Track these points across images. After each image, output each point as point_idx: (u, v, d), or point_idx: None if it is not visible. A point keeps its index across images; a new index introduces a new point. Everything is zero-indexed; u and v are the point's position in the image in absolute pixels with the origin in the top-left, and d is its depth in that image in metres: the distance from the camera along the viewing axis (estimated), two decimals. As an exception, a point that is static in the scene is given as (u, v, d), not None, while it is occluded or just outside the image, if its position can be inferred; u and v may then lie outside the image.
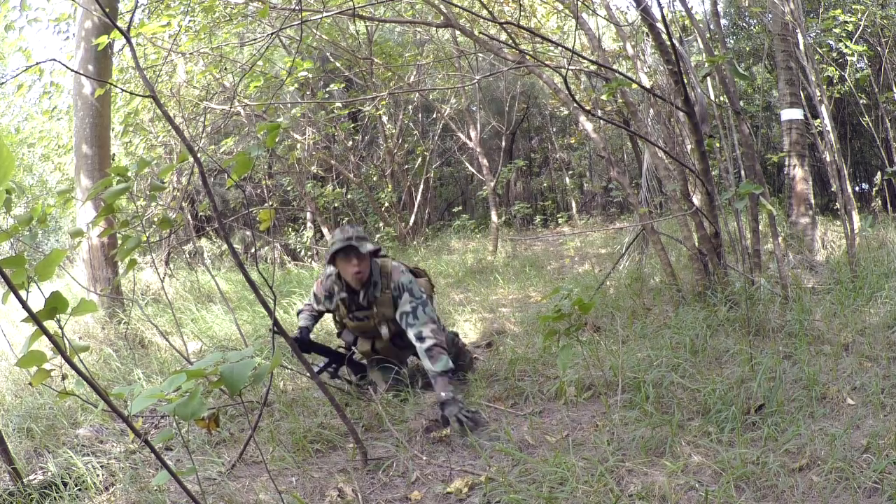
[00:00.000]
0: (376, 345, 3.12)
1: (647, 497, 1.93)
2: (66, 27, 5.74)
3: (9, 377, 3.42)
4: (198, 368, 1.51)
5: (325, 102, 7.73)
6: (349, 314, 3.07)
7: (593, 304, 3.08)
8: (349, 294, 3.04)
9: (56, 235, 11.87)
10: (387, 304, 2.98)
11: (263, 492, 2.15)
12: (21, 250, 6.58)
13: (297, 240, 9.77)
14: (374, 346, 3.13)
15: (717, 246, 3.66)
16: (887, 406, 2.33)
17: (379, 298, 2.98)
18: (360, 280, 2.94)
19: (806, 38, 4.56)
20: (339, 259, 2.92)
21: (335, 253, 2.90)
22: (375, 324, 3.03)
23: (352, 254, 2.88)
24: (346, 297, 3.05)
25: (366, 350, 3.15)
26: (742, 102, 7.63)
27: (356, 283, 2.96)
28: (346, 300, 3.05)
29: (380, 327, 3.03)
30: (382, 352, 3.13)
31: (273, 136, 2.20)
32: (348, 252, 2.87)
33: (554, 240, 9.45)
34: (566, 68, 3.16)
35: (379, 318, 3.01)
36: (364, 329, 3.09)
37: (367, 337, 3.14)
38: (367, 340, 3.14)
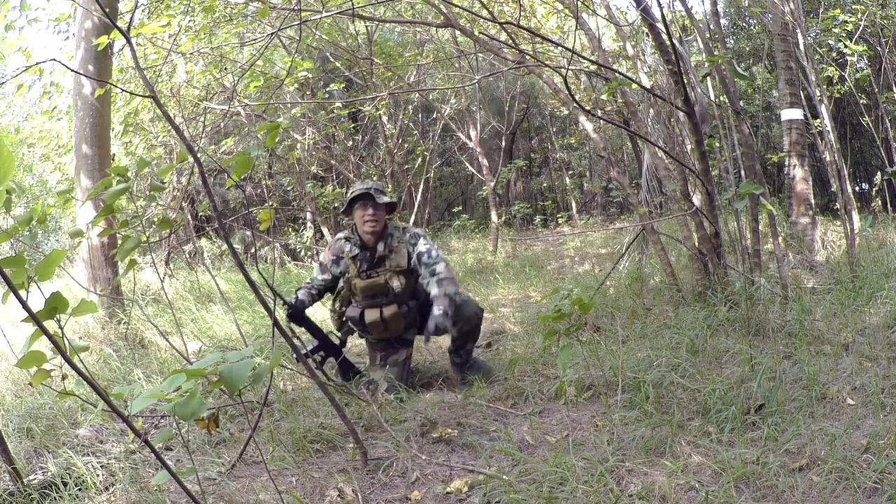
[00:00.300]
0: (384, 313, 3.10)
1: (647, 497, 1.93)
2: (66, 27, 5.74)
3: (9, 377, 3.41)
4: (197, 368, 1.51)
5: (325, 102, 7.73)
6: (359, 273, 3.10)
7: (593, 304, 3.08)
8: (362, 251, 3.11)
9: (56, 235, 11.87)
10: (401, 254, 3.09)
11: (263, 492, 2.15)
12: (21, 250, 6.58)
13: (297, 240, 9.77)
14: (383, 314, 3.10)
15: (717, 246, 3.66)
16: (887, 406, 2.33)
17: (395, 248, 3.09)
18: (374, 230, 3.06)
19: (806, 38, 4.57)
20: (357, 207, 3.07)
21: (353, 200, 3.06)
22: (386, 279, 3.07)
23: (369, 202, 3.03)
24: (359, 254, 3.11)
25: (374, 320, 3.11)
26: (742, 102, 7.63)
27: (370, 234, 3.06)
28: (358, 257, 3.10)
29: (391, 282, 3.07)
30: (391, 322, 3.11)
31: (273, 136, 2.20)
32: (366, 200, 3.03)
33: (554, 240, 9.45)
34: (566, 68, 3.17)
35: (391, 273, 3.07)
36: (374, 288, 3.09)
37: (375, 303, 3.12)
38: (374, 309, 3.12)
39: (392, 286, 3.08)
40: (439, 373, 3.43)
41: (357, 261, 3.12)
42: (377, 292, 3.11)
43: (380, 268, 3.11)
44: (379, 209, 3.05)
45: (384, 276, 3.09)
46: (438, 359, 3.70)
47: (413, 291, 3.20)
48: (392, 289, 3.09)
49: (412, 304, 3.18)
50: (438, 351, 3.84)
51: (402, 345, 3.24)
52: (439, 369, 3.49)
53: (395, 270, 3.09)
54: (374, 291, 3.11)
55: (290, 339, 2.25)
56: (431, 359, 3.75)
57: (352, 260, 3.13)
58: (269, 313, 2.17)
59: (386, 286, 3.09)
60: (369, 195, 3.03)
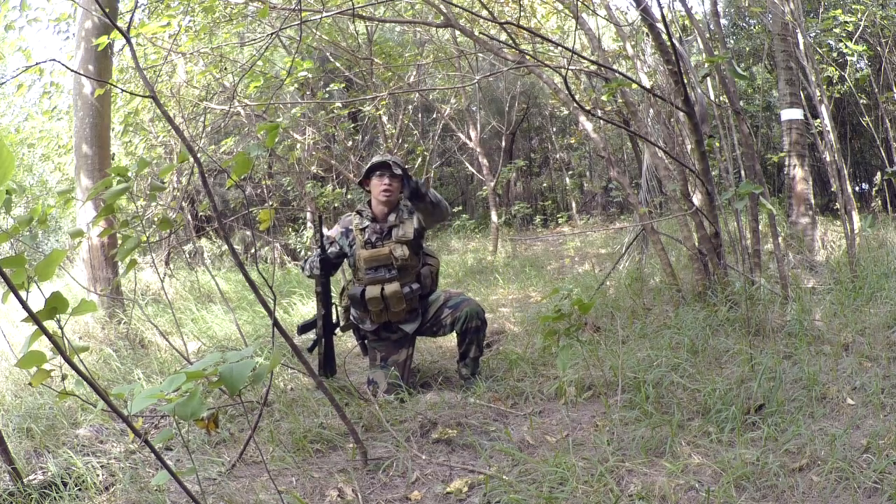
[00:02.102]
0: (385, 289, 3.10)
1: (647, 497, 1.93)
2: (66, 27, 5.74)
3: (9, 377, 3.41)
4: (197, 369, 1.51)
5: (325, 102, 7.73)
6: (365, 244, 3.13)
7: (593, 304, 3.09)
8: (372, 223, 3.16)
9: (56, 235, 11.87)
10: (409, 225, 3.14)
11: (263, 492, 2.15)
12: (21, 250, 6.58)
13: (297, 240, 9.77)
14: (384, 291, 3.10)
15: (717, 246, 3.66)
16: (887, 406, 2.33)
17: (405, 220, 3.15)
18: (388, 199, 3.11)
19: (806, 38, 4.56)
20: (374, 176, 3.12)
21: (371, 168, 3.12)
22: (391, 249, 3.09)
23: (386, 172, 3.09)
24: (369, 226, 3.15)
25: (374, 296, 3.09)
26: (742, 102, 7.63)
27: (384, 203, 3.12)
28: (368, 228, 3.15)
29: (394, 251, 3.08)
30: (391, 299, 3.10)
31: (273, 136, 2.20)
32: (384, 169, 3.09)
33: (554, 240, 9.46)
34: (566, 68, 3.17)
35: (395, 243, 3.10)
36: (378, 259, 3.10)
37: (377, 278, 3.12)
38: (376, 286, 3.11)
39: (395, 255, 3.08)
40: (439, 373, 3.43)
41: (365, 232, 3.15)
42: (381, 264, 3.11)
43: (387, 239, 3.14)
44: (395, 179, 3.10)
45: (389, 245, 3.11)
46: (438, 359, 3.70)
47: (418, 275, 3.19)
48: (395, 258, 3.08)
49: (415, 286, 3.16)
50: (438, 351, 3.84)
51: (402, 344, 3.24)
52: (439, 369, 3.50)
53: (400, 241, 3.11)
54: (378, 263, 3.11)
55: (289, 339, 2.25)
56: (431, 359, 3.75)
57: (360, 231, 3.15)
58: (269, 313, 2.17)
59: (389, 257, 3.09)
60: (387, 165, 3.08)
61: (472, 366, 3.23)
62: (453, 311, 3.16)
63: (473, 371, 3.23)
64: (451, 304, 3.17)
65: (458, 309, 3.15)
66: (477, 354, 3.22)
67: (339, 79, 8.33)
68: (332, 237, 3.23)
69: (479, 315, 3.16)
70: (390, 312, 3.14)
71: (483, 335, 3.22)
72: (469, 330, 3.15)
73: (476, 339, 3.18)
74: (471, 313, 3.14)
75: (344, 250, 3.22)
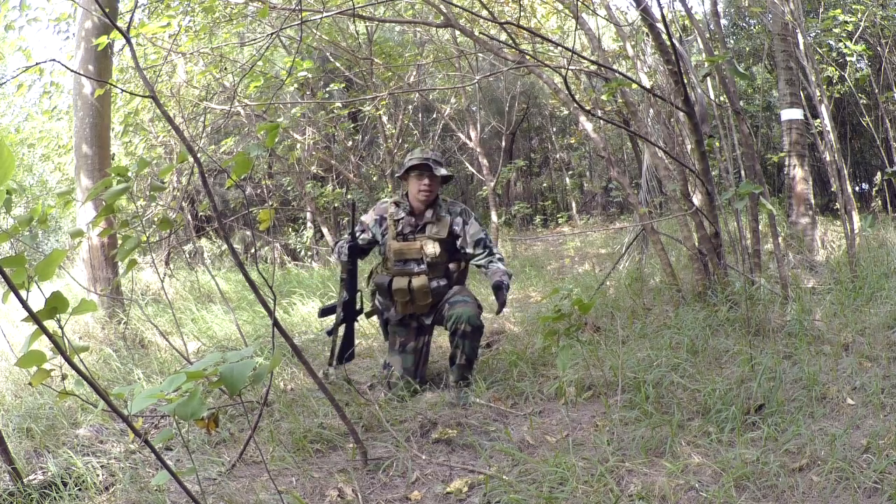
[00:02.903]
0: (413, 283, 3.08)
1: (647, 497, 1.93)
2: (66, 27, 5.74)
3: (9, 377, 3.41)
4: (197, 369, 1.50)
5: (325, 102, 7.73)
6: (398, 235, 3.12)
7: (593, 304, 3.08)
8: (408, 215, 3.14)
9: (56, 235, 11.87)
10: (444, 225, 3.13)
11: (263, 492, 2.15)
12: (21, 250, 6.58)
13: (297, 240, 9.77)
14: (411, 284, 3.08)
15: (717, 246, 3.66)
16: (887, 406, 2.33)
17: (441, 217, 3.13)
18: (427, 199, 3.08)
19: (806, 38, 4.56)
20: (413, 175, 3.08)
21: (411, 168, 3.08)
22: (422, 245, 3.08)
23: (426, 172, 3.05)
24: (404, 218, 3.13)
25: (401, 288, 3.09)
26: (742, 102, 7.63)
27: (422, 201, 3.10)
28: (403, 220, 3.13)
29: (425, 247, 3.08)
30: (417, 293, 3.08)
31: (273, 136, 2.20)
32: (423, 170, 3.05)
33: (554, 240, 9.46)
34: (566, 68, 3.17)
35: (428, 239, 3.09)
36: (408, 252, 3.10)
37: (405, 271, 3.11)
38: (403, 277, 3.10)
39: (426, 251, 3.08)
40: (439, 373, 3.43)
41: (399, 223, 3.14)
42: (410, 258, 3.11)
43: (420, 234, 3.12)
44: (435, 180, 3.07)
45: (420, 241, 3.10)
46: (438, 359, 3.70)
47: (446, 270, 3.18)
48: (425, 255, 3.08)
49: (442, 282, 3.14)
50: (438, 351, 3.84)
51: (422, 332, 3.23)
52: (439, 369, 3.49)
53: (433, 237, 3.10)
54: (408, 256, 3.10)
55: (290, 339, 2.25)
56: (431, 359, 3.75)
57: (394, 222, 3.14)
58: (269, 313, 2.17)
59: (420, 251, 3.08)
60: (428, 166, 3.03)
61: (458, 373, 3.06)
62: (449, 308, 3.09)
63: (458, 378, 3.06)
64: (452, 300, 3.11)
65: (453, 307, 3.05)
66: (463, 362, 3.04)
67: (339, 79, 8.33)
68: (365, 223, 3.21)
69: (470, 320, 2.97)
70: (416, 305, 3.13)
71: (475, 343, 3.04)
72: (457, 332, 3.00)
73: (463, 344, 3.00)
74: (461, 316, 2.97)
75: (376, 238, 3.20)
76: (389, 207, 3.18)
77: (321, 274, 7.21)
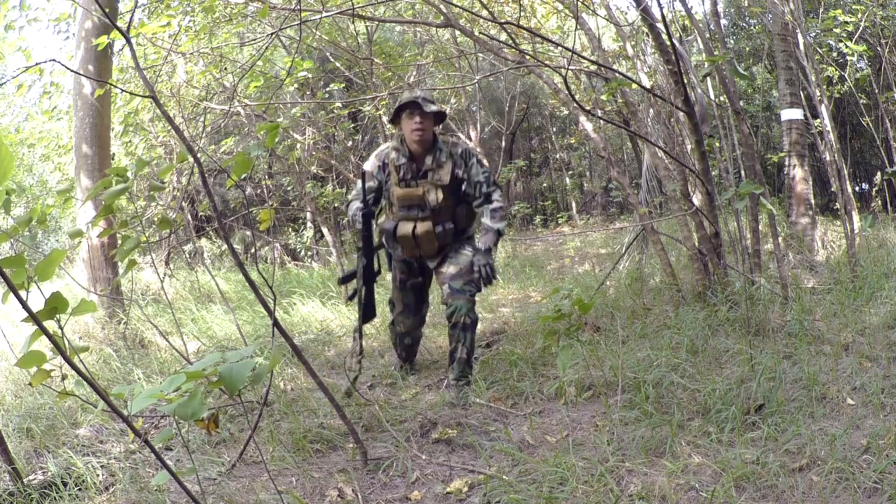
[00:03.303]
0: (417, 228, 3.04)
1: (647, 497, 1.93)
2: (66, 27, 5.74)
3: (9, 377, 3.41)
4: (197, 369, 1.51)
5: (325, 102, 7.73)
6: (399, 181, 3.06)
7: (593, 304, 3.09)
8: (409, 161, 3.06)
9: (56, 235, 11.87)
10: (446, 170, 3.04)
11: (263, 492, 2.15)
12: (21, 250, 6.58)
13: (297, 240, 9.77)
14: (415, 230, 3.04)
15: (717, 246, 3.66)
16: (887, 406, 2.33)
17: (442, 163, 3.04)
18: (422, 139, 2.97)
19: (806, 38, 4.57)
20: (404, 116, 2.99)
21: (400, 108, 2.99)
22: (424, 191, 3.02)
23: (416, 111, 2.94)
24: (404, 163, 3.05)
25: (405, 234, 3.05)
26: (742, 102, 7.63)
27: (417, 144, 3.00)
28: (403, 166, 3.05)
29: (428, 194, 3.02)
30: (422, 239, 3.04)
31: (273, 136, 2.20)
32: (413, 108, 2.95)
33: (554, 240, 9.46)
34: (566, 68, 3.17)
35: (430, 185, 3.02)
36: (410, 198, 3.04)
37: (410, 216, 3.07)
38: (408, 223, 3.07)
39: (428, 199, 3.02)
40: (439, 373, 3.43)
41: (400, 169, 3.07)
42: (413, 204, 3.05)
43: (422, 180, 3.05)
44: (427, 118, 2.96)
45: (423, 187, 3.04)
46: (438, 358, 3.70)
47: (453, 213, 3.11)
48: (428, 202, 3.02)
49: (448, 226, 3.08)
50: (438, 351, 3.84)
51: (422, 272, 3.23)
52: (439, 369, 3.49)
53: (435, 184, 3.02)
54: (411, 202, 3.05)
55: (290, 339, 2.25)
56: (431, 359, 3.75)
57: (395, 168, 3.07)
58: (269, 313, 2.17)
59: (423, 198, 3.03)
60: (416, 103, 2.93)
61: (458, 369, 3.06)
62: (450, 294, 3.02)
63: (459, 375, 3.06)
64: (453, 285, 3.03)
65: (453, 295, 3.01)
66: (464, 355, 3.05)
67: (339, 79, 8.32)
68: (368, 172, 3.14)
69: (469, 313, 3.01)
70: (421, 249, 3.10)
71: (474, 335, 3.09)
72: (458, 325, 3.01)
73: (464, 337, 3.03)
74: (461, 308, 2.99)
75: (381, 184, 3.14)
76: (390, 153, 3.10)
77: (321, 274, 7.21)
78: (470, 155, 3.09)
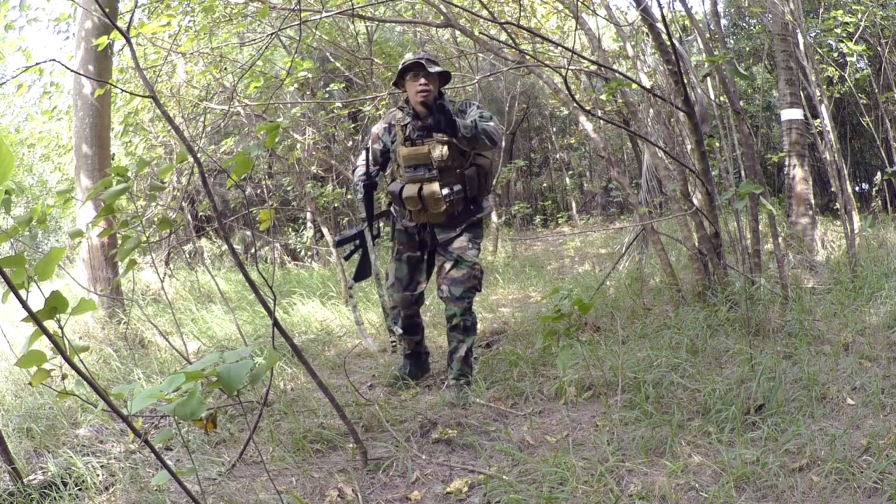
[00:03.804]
0: (423, 189, 2.97)
1: (647, 497, 1.93)
2: (66, 27, 5.74)
3: (9, 377, 3.41)
4: (197, 369, 1.51)
5: (325, 102, 7.73)
6: (406, 140, 3.02)
7: (593, 304, 3.08)
8: (414, 119, 3.01)
9: (56, 235, 11.87)
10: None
11: (263, 492, 2.15)
12: (21, 250, 6.58)
13: (297, 240, 9.76)
14: (421, 192, 2.98)
15: (717, 246, 3.66)
16: (887, 406, 2.33)
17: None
18: (426, 99, 2.92)
19: (806, 38, 4.56)
20: (408, 78, 2.95)
21: (403, 70, 2.95)
22: (430, 148, 2.97)
23: (420, 72, 2.90)
24: (410, 122, 3.02)
25: (411, 195, 2.99)
26: (742, 102, 7.63)
27: (421, 103, 2.93)
28: (409, 125, 3.02)
29: (433, 151, 2.96)
30: (428, 200, 2.97)
31: (273, 136, 2.20)
32: (417, 69, 2.91)
33: (554, 240, 9.46)
34: (566, 68, 3.16)
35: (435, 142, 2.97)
36: (416, 157, 2.99)
37: (416, 178, 3.00)
38: (414, 185, 3.00)
39: (433, 155, 2.96)
40: (439, 373, 3.43)
41: (406, 128, 3.02)
42: (419, 163, 2.99)
43: (427, 138, 2.99)
44: (431, 78, 2.92)
45: (429, 144, 2.97)
46: (439, 359, 3.70)
47: (462, 176, 3.02)
48: (433, 159, 2.97)
49: (457, 188, 3.01)
50: (438, 351, 3.84)
51: (422, 246, 3.18)
52: (439, 369, 3.49)
53: (440, 141, 2.96)
54: (417, 161, 2.99)
55: (290, 339, 2.25)
56: (431, 359, 3.75)
57: (401, 128, 3.03)
58: (269, 313, 2.17)
59: (428, 156, 2.97)
60: (420, 64, 2.89)
61: (458, 367, 3.05)
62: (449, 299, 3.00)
63: (459, 374, 3.05)
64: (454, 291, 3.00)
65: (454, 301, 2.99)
66: (463, 353, 3.05)
67: (339, 79, 8.33)
68: (376, 134, 3.12)
69: (468, 316, 3.03)
70: (429, 213, 3.04)
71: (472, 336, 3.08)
72: (458, 327, 3.02)
73: (464, 336, 3.04)
74: (461, 312, 3.00)
75: (387, 146, 3.11)
76: (397, 113, 3.08)
77: (321, 274, 7.21)
78: (470, 104, 3.05)
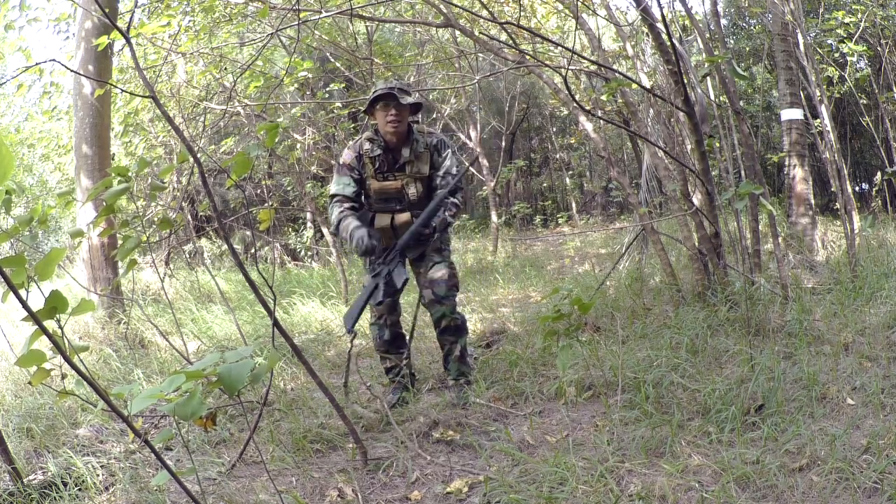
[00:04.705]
0: (395, 220, 2.96)
1: (647, 497, 1.93)
2: (66, 27, 5.74)
3: (9, 377, 3.41)
4: (197, 369, 1.50)
5: (325, 102, 7.73)
6: (376, 174, 2.97)
7: (593, 304, 3.08)
8: (385, 152, 2.96)
9: (56, 235, 11.87)
10: (424, 160, 2.96)
11: (263, 492, 2.15)
12: (21, 250, 6.58)
13: (297, 240, 9.76)
14: (394, 222, 2.96)
15: (717, 246, 3.66)
16: (887, 406, 2.33)
17: (420, 154, 2.96)
18: (397, 130, 2.89)
19: (806, 38, 4.56)
20: (378, 107, 2.90)
21: (374, 100, 2.89)
22: (403, 185, 2.94)
23: (392, 102, 2.85)
24: (380, 155, 2.95)
25: (384, 226, 2.96)
26: (742, 102, 7.63)
27: (393, 134, 2.91)
28: (379, 158, 2.96)
29: (407, 188, 2.94)
30: (401, 230, 2.95)
31: (273, 136, 2.20)
32: (388, 100, 2.86)
33: (554, 240, 9.46)
34: (566, 68, 3.16)
35: (409, 179, 2.94)
36: (388, 192, 2.96)
37: (387, 209, 3.00)
38: (386, 215, 2.98)
39: (408, 192, 2.95)
40: (439, 373, 3.43)
41: (376, 161, 2.97)
42: (391, 197, 2.97)
43: (399, 172, 2.97)
44: (402, 109, 2.88)
45: (402, 180, 2.95)
46: (438, 359, 3.70)
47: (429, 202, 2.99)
48: (407, 195, 2.96)
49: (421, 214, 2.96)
50: (438, 352, 3.84)
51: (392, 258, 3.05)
52: (439, 369, 3.49)
53: (414, 177, 2.95)
54: (388, 196, 2.98)
55: (290, 339, 2.25)
56: (431, 358, 3.75)
57: (370, 160, 2.97)
58: (269, 313, 2.17)
59: (401, 192, 2.96)
60: (392, 95, 2.84)
61: (456, 368, 3.04)
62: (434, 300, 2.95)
63: (457, 374, 3.04)
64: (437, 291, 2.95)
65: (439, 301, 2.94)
66: (458, 353, 3.03)
67: (339, 79, 8.32)
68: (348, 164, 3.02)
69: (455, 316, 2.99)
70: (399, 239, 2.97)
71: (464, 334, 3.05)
72: (448, 329, 2.99)
73: (456, 338, 3.01)
74: (448, 312, 2.96)
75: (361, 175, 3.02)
76: (364, 144, 3.01)
77: (321, 274, 7.21)
78: (445, 145, 3.02)
